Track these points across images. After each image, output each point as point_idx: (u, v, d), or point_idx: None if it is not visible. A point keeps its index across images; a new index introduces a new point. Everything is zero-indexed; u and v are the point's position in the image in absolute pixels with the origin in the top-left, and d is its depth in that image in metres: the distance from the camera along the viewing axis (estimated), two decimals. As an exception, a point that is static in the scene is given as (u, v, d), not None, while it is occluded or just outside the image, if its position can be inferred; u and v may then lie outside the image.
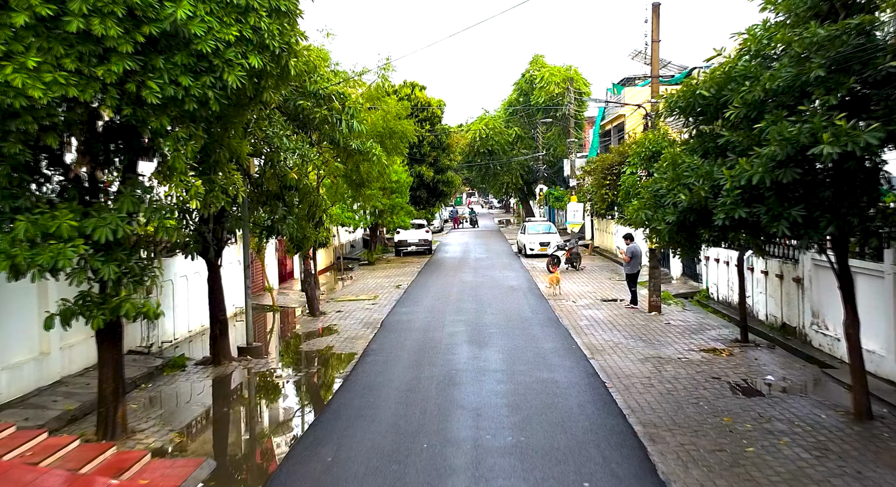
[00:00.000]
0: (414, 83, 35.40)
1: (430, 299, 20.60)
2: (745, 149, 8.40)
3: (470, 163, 55.84)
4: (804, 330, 13.47)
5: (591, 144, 49.50)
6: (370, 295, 21.71)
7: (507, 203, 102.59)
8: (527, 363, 12.46)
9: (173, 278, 15.10)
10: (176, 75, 7.26)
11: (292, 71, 8.22)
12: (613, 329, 15.41)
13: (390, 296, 21.42)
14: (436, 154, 36.65)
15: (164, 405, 10.73)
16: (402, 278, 26.15)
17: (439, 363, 12.57)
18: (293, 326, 17.53)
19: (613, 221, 31.77)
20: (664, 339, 14.30)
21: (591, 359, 12.64)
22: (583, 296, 20.37)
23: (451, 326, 16.14)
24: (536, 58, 57.58)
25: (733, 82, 9.02)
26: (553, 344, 13.99)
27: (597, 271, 26.85)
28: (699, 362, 12.37)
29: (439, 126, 37.12)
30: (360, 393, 10.74)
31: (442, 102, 37.64)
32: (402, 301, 20.28)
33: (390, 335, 15.31)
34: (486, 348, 13.77)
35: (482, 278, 25.05)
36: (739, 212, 8.25)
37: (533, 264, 29.32)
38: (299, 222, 13.60)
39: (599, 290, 21.58)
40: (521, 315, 17.38)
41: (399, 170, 30.19)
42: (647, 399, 10.19)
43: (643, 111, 17.95)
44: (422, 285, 24.02)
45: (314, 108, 11.75)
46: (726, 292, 17.77)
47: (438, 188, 38.11)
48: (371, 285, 24.26)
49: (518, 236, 35.55)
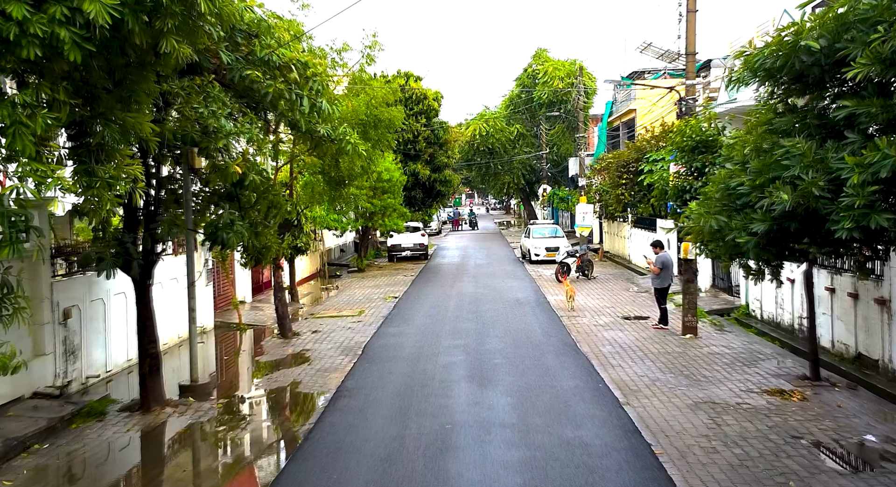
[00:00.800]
0: (408, 73, 32.50)
1: (423, 316, 17.76)
2: (885, 124, 5.59)
3: (469, 162, 53.01)
4: (891, 365, 10.65)
5: (597, 141, 46.74)
6: (355, 310, 18.86)
7: (508, 204, 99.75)
8: (544, 411, 9.62)
9: (105, 297, 12.27)
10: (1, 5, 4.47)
11: (202, 6, 5.40)
12: (645, 359, 12.59)
13: (378, 311, 18.58)
14: (432, 151, 33.61)
15: (51, 482, 7.89)
16: (394, 288, 23.30)
17: (430, 411, 9.73)
18: (258, 352, 14.70)
19: (627, 223, 28.97)
20: (711, 374, 11.48)
21: (626, 405, 9.82)
22: (600, 312, 17.54)
23: (447, 354, 13.31)
24: (539, 52, 54.84)
25: (852, 30, 6.22)
26: (574, 382, 11.16)
27: (610, 280, 24.02)
28: (766, 410, 9.54)
29: (436, 120, 34.05)
30: (320, 465, 7.90)
31: (439, 94, 34.60)
32: (390, 319, 17.43)
33: (372, 367, 12.48)
34: (489, 387, 10.94)
35: (483, 289, 22.21)
36: (878, 220, 5.44)
37: (539, 272, 26.50)
38: (255, 227, 10.77)
39: (618, 304, 18.76)
40: (530, 338, 14.54)
41: (391, 168, 27.36)
42: (715, 476, 7.37)
43: (676, 95, 15.14)
44: (415, 297, 21.18)
45: (266, 79, 8.95)
46: (773, 311, 14.95)
47: (435, 188, 35.07)
48: (358, 297, 21.41)
49: (522, 239, 32.73)
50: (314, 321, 17.48)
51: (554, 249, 29.63)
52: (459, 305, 19.21)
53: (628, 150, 24.85)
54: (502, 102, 57.08)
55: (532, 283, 23.49)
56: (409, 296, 21.35)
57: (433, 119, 33.80)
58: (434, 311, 18.35)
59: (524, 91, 53.71)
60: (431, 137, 33.48)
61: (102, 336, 12.23)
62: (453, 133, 35.63)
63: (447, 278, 25.61)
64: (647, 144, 24.07)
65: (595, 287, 22.13)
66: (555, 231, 31.54)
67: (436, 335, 15.20)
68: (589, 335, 14.67)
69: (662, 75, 38.83)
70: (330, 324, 16.99)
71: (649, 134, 24.96)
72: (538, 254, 29.64)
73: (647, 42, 42.57)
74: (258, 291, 21.57)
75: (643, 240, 25.91)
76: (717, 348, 13.33)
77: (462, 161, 52.53)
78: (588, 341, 14.14)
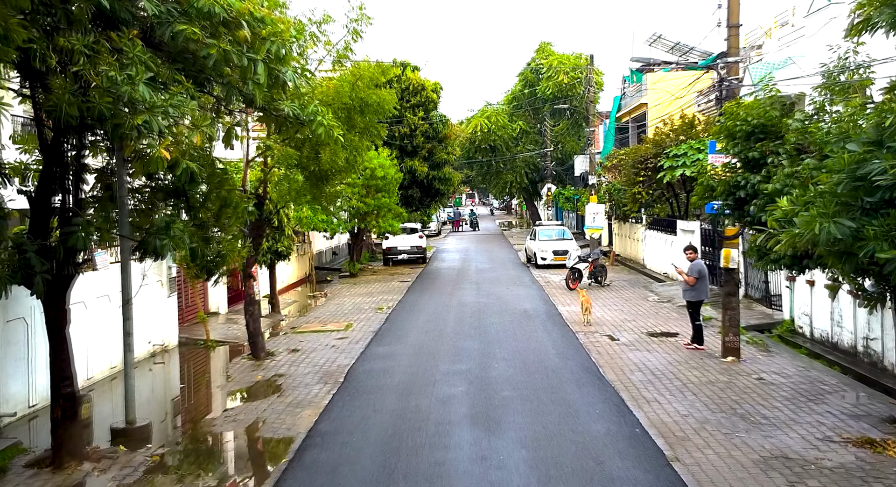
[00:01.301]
0: (405, 63, 30.16)
1: (419, 332, 15.55)
2: None
3: (470, 160, 50.81)
4: None
5: (603, 139, 44.45)
6: (341, 324, 16.64)
7: (509, 205, 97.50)
8: (571, 474, 7.40)
9: (28, 315, 10.06)
10: None
11: None
12: (685, 391, 10.38)
13: (367, 325, 16.37)
14: (430, 146, 31.16)
15: None
16: (387, 296, 21.08)
17: (423, 471, 7.52)
18: (223, 377, 12.49)
19: (640, 225, 26.77)
20: (772, 413, 9.26)
21: (675, 462, 7.61)
22: (621, 327, 15.31)
23: (446, 383, 11.10)
24: (543, 46, 52.66)
25: None
26: (604, 424, 8.95)
27: (626, 287, 21.80)
28: (860, 470, 7.33)
29: (435, 114, 31.64)
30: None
31: (438, 86, 32.20)
32: (380, 335, 15.21)
33: (354, 402, 10.27)
34: (498, 433, 8.73)
35: (486, 298, 19.99)
36: None
37: (547, 278, 24.29)
38: (204, 231, 8.57)
39: (639, 316, 16.53)
40: (544, 362, 12.33)
41: (386, 164, 25.13)
42: None
43: (714, 77, 12.92)
44: (410, 307, 18.97)
45: (206, 38, 6.76)
46: (828, 328, 12.74)
47: (434, 186, 32.61)
48: (347, 308, 19.20)
49: (527, 242, 30.51)
50: (294, 338, 15.27)
51: (562, 252, 27.40)
52: (460, 318, 17.00)
53: (645, 145, 22.63)
54: (504, 98, 54.84)
55: (540, 291, 21.27)
56: (404, 306, 19.14)
57: (432, 112, 31.35)
58: (431, 326, 16.14)
59: (527, 86, 51.51)
60: (430, 132, 31.09)
61: (24, 364, 10.02)
62: (453, 129, 33.21)
63: (446, 285, 23.40)
64: (666, 139, 21.86)
65: (610, 296, 19.93)
66: (562, 233, 29.31)
67: (432, 356, 12.99)
68: (613, 358, 12.45)
69: (673, 69, 36.77)
70: (312, 341, 14.77)
71: (668, 127, 22.75)
72: (545, 258, 27.41)
73: (657, 34, 40.46)
74: (236, 300, 19.32)
75: (660, 243, 23.71)
76: (767, 375, 11.12)
77: (463, 159, 50.31)
78: (612, 365, 11.93)
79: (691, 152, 20.60)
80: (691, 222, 20.88)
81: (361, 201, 24.52)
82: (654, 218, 25.21)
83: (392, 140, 29.32)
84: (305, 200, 14.02)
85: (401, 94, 29.37)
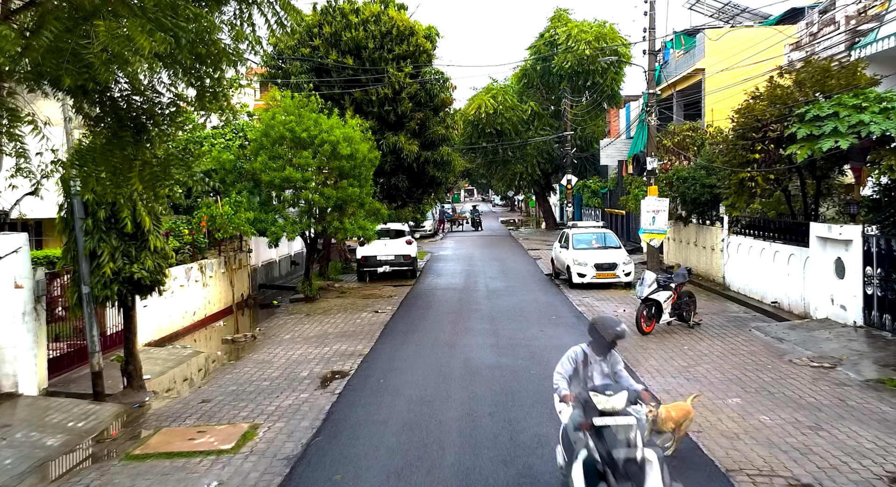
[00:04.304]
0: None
1: (388, 452, 7.38)
2: None
3: (473, 146, 42.64)
4: None
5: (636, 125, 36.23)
6: (235, 431, 8.46)
7: (513, 201, 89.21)
8: None
9: None
10: None
11: None
12: None
13: (287, 432, 8.23)
14: (422, 116, 22.20)
15: None
16: (348, 344, 12.97)
17: None
18: None
19: (718, 228, 18.64)
20: None
21: None
22: (797, 458, 7.16)
23: None
24: (559, 13, 44.59)
25: None
26: None
27: (722, 326, 13.72)
28: None
29: (428, 70, 22.79)
30: None
31: (433, 30, 23.05)
32: (307, 465, 7.04)
33: None
34: None
35: (512, 356, 11.86)
36: None
37: (593, 307, 16.22)
38: None
39: (799, 413, 8.37)
40: None
41: (355, 137, 16.91)
42: None
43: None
44: (382, 373, 10.85)
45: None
46: None
47: (427, 172, 23.80)
48: (272, 372, 11.06)
49: (555, 250, 22.30)
50: (123, 478, 7.12)
51: (608, 266, 19.35)
52: (469, 413, 8.84)
53: (759, 101, 14.39)
54: (513, 76, 46.68)
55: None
56: (372, 371, 11.02)
57: (424, 68, 22.53)
58: (413, 435, 7.99)
59: (541, 61, 43.34)
60: (422, 96, 22.32)
61: None
62: (449, 100, 24.23)
63: (443, 321, 15.28)
64: (797, 92, 13.75)
65: (709, 349, 11.82)
66: (605, 239, 21.13)
67: None
68: None
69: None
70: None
71: (789, 78, 14.62)
72: (583, 274, 19.29)
73: (700, -9, 32.11)
74: (111, 344, 11.12)
75: (765, 258, 15.60)
76: None
77: (464, 145, 42.13)
78: None
79: (846, 112, 12.51)
80: (843, 226, 12.81)
81: (318, 193, 16.38)
82: (750, 219, 17.12)
83: (367, 106, 20.92)
84: (101, 174, 5.82)
85: (380, 40, 21.02)
